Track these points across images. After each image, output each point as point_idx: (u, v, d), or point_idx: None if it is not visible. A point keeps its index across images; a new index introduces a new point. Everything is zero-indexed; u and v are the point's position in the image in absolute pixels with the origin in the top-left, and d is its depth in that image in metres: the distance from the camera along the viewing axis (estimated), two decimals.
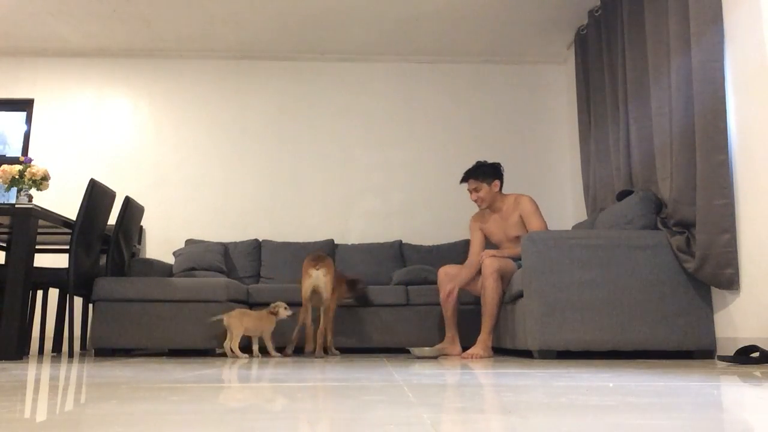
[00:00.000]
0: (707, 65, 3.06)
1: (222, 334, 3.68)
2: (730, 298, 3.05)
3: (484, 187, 3.84)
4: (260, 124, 5.53)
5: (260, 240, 5.09)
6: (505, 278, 3.62)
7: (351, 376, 2.05)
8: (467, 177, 3.89)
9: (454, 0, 4.73)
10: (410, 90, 5.64)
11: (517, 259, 3.68)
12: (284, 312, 3.66)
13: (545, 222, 3.74)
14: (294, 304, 4.31)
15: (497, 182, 3.86)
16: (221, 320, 3.60)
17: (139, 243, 5.15)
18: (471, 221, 4.06)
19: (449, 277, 3.89)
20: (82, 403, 1.32)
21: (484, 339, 3.52)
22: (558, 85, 5.64)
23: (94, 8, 4.83)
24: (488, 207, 3.92)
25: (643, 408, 1.19)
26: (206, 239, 5.21)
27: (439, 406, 1.23)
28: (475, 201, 3.89)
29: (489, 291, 3.56)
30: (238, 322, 3.52)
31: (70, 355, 3.75)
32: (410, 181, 5.47)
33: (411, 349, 3.51)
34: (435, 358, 3.44)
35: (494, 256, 3.64)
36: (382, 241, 5.27)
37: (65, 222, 3.66)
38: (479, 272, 3.74)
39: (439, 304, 4.14)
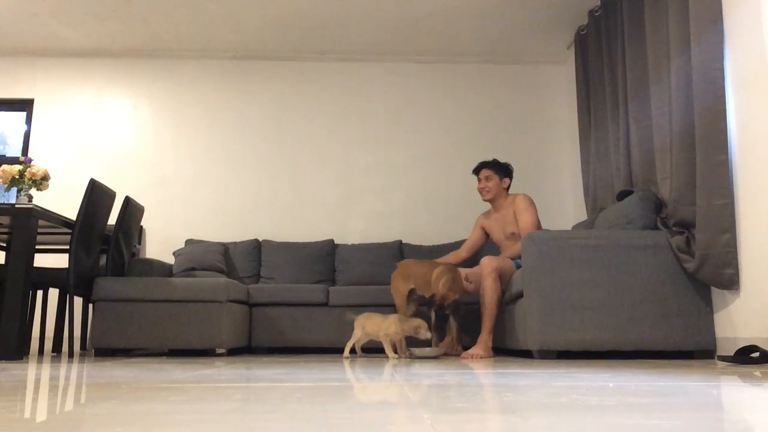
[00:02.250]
0: (707, 65, 3.06)
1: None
2: (730, 298, 3.05)
3: (496, 178, 3.97)
4: (260, 124, 5.53)
5: (260, 240, 5.08)
6: (504, 278, 3.63)
7: (351, 376, 2.05)
8: (483, 166, 4.01)
9: (454, 0, 4.73)
10: (410, 90, 5.63)
11: (516, 258, 3.69)
12: (424, 333, 3.41)
13: (537, 218, 3.83)
14: (294, 304, 4.32)
15: (507, 180, 4.01)
16: (353, 320, 3.64)
17: (139, 243, 5.15)
18: (478, 217, 4.25)
19: None
20: (82, 403, 1.32)
21: (484, 339, 3.52)
22: (558, 85, 5.64)
23: (94, 8, 4.83)
24: (491, 202, 4.03)
25: (643, 408, 1.19)
26: (206, 239, 5.21)
27: (439, 406, 1.23)
28: (481, 189, 4.00)
29: (488, 291, 3.56)
30: (359, 324, 3.55)
31: (70, 355, 3.75)
32: (410, 181, 5.47)
33: (412, 350, 3.51)
34: (435, 358, 3.44)
35: (492, 256, 3.68)
36: (382, 241, 5.26)
37: (65, 222, 3.66)
38: (479, 271, 3.75)
39: None
